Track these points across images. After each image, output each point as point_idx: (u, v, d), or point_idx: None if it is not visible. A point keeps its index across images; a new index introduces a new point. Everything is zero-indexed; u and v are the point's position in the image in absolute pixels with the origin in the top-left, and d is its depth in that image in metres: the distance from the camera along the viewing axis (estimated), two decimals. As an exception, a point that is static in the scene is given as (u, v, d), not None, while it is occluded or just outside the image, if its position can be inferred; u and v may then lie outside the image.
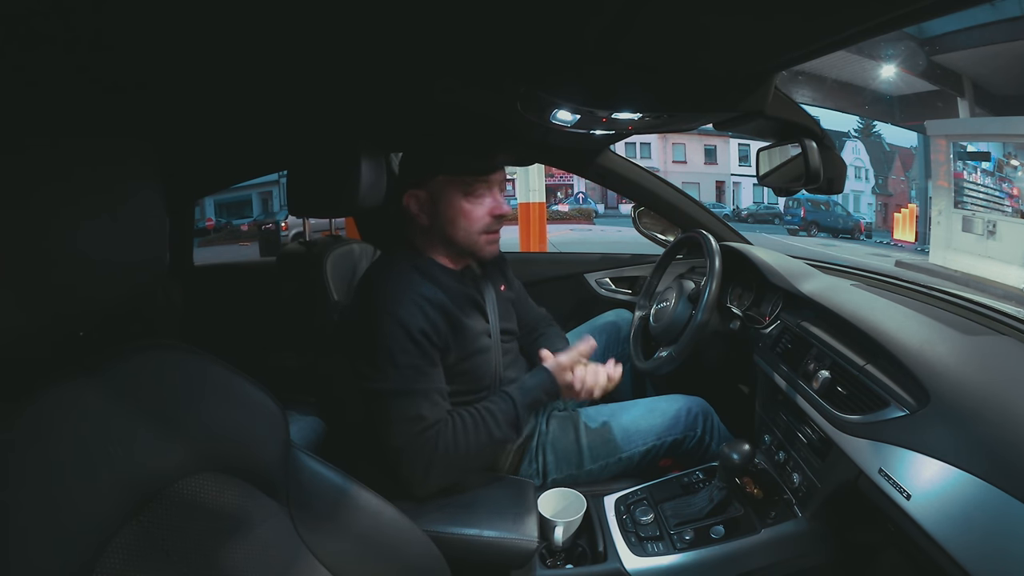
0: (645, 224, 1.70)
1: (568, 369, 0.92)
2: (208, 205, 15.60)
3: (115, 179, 0.43)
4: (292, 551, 0.53)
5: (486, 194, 0.91)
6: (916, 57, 8.90)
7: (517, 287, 1.16)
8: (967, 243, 8.49)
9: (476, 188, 0.90)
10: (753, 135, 1.00)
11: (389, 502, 0.62)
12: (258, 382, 0.54)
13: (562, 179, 20.04)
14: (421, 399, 0.80)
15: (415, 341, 0.81)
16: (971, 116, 8.68)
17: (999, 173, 8.47)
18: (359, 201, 1.00)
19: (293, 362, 1.26)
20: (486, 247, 0.93)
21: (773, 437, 0.99)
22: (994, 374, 0.66)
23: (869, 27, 0.52)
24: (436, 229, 0.92)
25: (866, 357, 0.78)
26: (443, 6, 0.53)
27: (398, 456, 0.79)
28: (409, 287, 0.85)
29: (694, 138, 20.58)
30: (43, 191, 0.37)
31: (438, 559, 0.65)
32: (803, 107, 0.87)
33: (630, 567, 0.85)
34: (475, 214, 0.90)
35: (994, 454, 0.55)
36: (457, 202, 0.89)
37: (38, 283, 0.37)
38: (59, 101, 0.41)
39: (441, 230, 0.91)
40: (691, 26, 0.55)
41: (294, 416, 1.20)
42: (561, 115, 0.90)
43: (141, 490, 0.42)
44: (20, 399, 0.38)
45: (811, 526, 0.84)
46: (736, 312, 1.15)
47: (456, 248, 0.93)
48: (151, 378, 0.46)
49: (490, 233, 0.92)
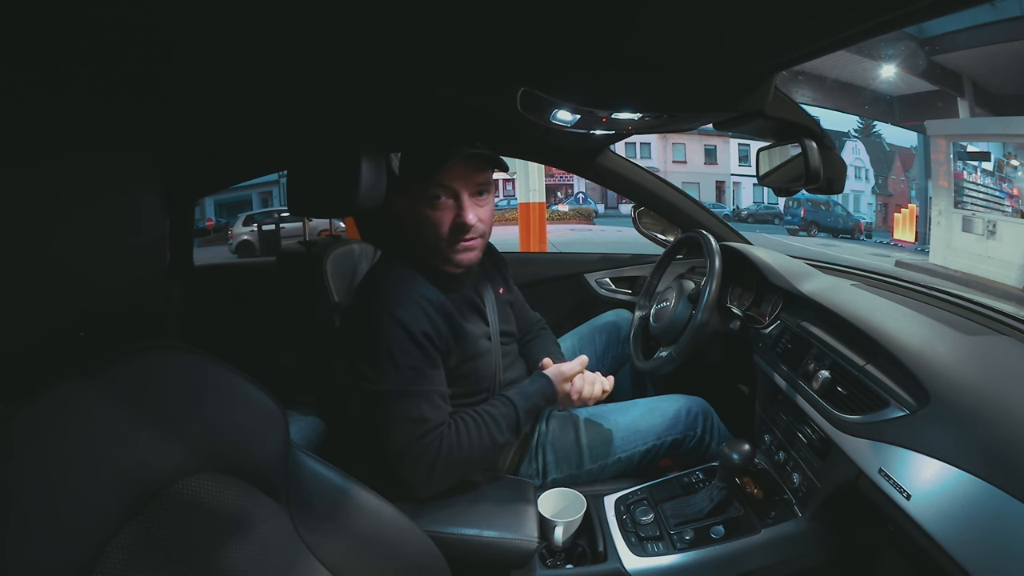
0: (645, 224, 1.70)
1: (568, 379, 0.93)
2: (208, 205, 15.61)
3: (115, 182, 0.43)
4: (292, 551, 0.53)
5: (449, 201, 0.84)
6: (916, 57, 8.90)
7: (516, 291, 1.16)
8: (967, 243, 8.49)
9: (433, 191, 0.83)
10: (753, 135, 1.01)
11: (389, 502, 0.62)
12: (258, 382, 0.54)
13: (562, 179, 20.04)
14: (422, 401, 0.80)
15: (416, 342, 0.81)
16: (971, 116, 8.67)
17: (999, 173, 8.47)
18: (359, 201, 1.00)
19: (293, 362, 1.26)
20: (456, 256, 0.86)
21: (773, 437, 0.99)
22: (994, 374, 0.66)
23: (869, 27, 0.52)
24: (414, 236, 0.89)
25: (866, 357, 0.78)
26: (443, 6, 0.53)
27: (399, 458, 0.79)
28: (411, 288, 0.84)
29: (694, 138, 20.58)
30: (44, 195, 0.37)
31: (438, 559, 0.65)
32: (803, 107, 0.87)
33: (630, 567, 0.85)
34: (436, 220, 0.84)
35: (994, 454, 0.55)
36: (420, 208, 0.85)
37: (39, 284, 0.37)
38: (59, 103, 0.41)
39: (417, 238, 0.88)
40: (690, 25, 0.55)
41: (294, 416, 1.20)
42: (561, 115, 0.90)
43: (141, 490, 0.42)
44: (21, 399, 0.38)
45: (811, 526, 0.84)
46: (736, 312, 1.15)
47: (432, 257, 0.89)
48: (151, 378, 0.46)
49: (461, 242, 0.86)
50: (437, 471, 0.79)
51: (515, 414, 0.86)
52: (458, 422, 0.83)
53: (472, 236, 0.86)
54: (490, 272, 1.04)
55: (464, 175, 0.84)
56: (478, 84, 0.87)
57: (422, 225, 0.86)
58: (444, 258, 0.88)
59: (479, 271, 0.99)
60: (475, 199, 0.86)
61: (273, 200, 17.45)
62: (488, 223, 0.89)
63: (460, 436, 0.82)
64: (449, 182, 0.83)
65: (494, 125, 1.13)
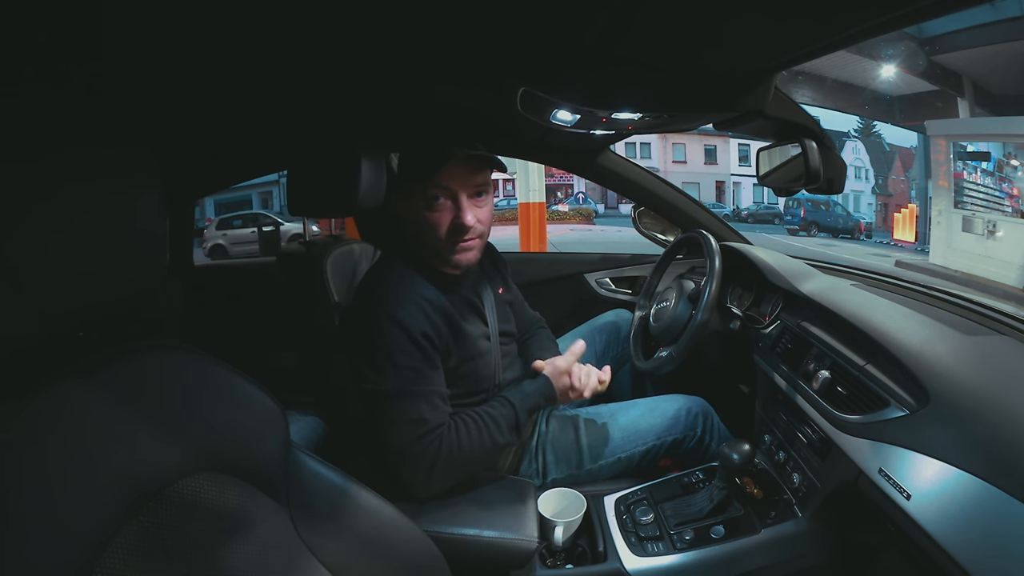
0: (645, 224, 1.70)
1: (565, 373, 0.92)
2: (208, 205, 15.61)
3: (115, 183, 0.43)
4: (292, 551, 0.53)
5: (447, 202, 0.84)
6: (916, 57, 8.90)
7: (515, 290, 1.16)
8: (967, 243, 8.49)
9: (432, 194, 0.83)
10: (753, 135, 1.00)
11: (389, 502, 0.62)
12: (258, 382, 0.54)
13: (562, 179, 20.04)
14: (422, 401, 0.80)
15: (416, 343, 0.81)
16: (971, 116, 8.67)
17: (999, 173, 8.47)
18: (359, 201, 1.00)
19: (293, 362, 1.26)
20: (454, 256, 0.87)
21: (773, 437, 0.99)
22: (994, 374, 0.66)
23: (869, 27, 0.52)
24: (413, 237, 0.89)
25: (866, 357, 0.78)
26: (442, 6, 0.53)
27: (399, 459, 0.79)
28: (411, 289, 0.84)
29: (694, 138, 20.58)
30: (44, 195, 0.37)
31: (438, 559, 0.65)
32: (803, 107, 0.87)
33: (630, 567, 0.85)
34: (435, 221, 0.84)
35: (994, 454, 0.55)
36: (418, 209, 0.84)
37: (39, 284, 0.37)
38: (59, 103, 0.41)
39: (414, 236, 0.89)
40: (690, 25, 0.55)
41: (294, 416, 1.20)
42: (561, 115, 0.90)
43: (141, 490, 0.42)
44: (20, 399, 0.38)
45: (811, 526, 0.84)
46: (736, 312, 1.15)
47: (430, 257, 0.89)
48: (151, 378, 0.46)
49: (460, 242, 0.86)
50: (437, 471, 0.79)
51: (514, 414, 0.86)
52: (458, 423, 0.83)
53: (470, 237, 0.86)
54: (489, 272, 1.04)
55: (462, 176, 0.83)
56: (478, 84, 0.87)
57: (420, 226, 0.86)
58: (442, 259, 0.88)
59: (478, 271, 0.99)
60: (473, 200, 0.86)
61: (273, 200, 17.46)
62: (487, 224, 0.89)
63: (460, 437, 0.82)
64: (447, 183, 0.83)
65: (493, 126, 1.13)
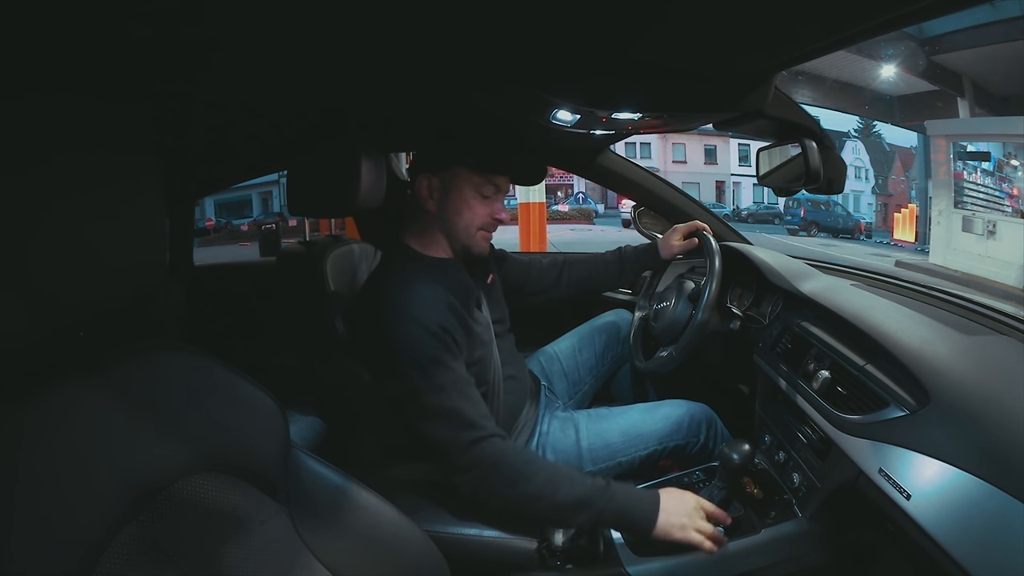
0: (645, 224, 1.69)
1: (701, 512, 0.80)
2: (208, 205, 15.64)
3: (118, 186, 0.43)
4: (292, 551, 0.53)
5: (493, 196, 0.95)
6: (916, 57, 8.90)
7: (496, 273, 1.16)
8: (967, 243, 8.49)
9: (487, 187, 0.94)
10: (753, 135, 1.01)
11: (389, 502, 0.62)
12: (258, 382, 0.54)
13: (562, 179, 20.05)
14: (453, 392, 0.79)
15: (435, 335, 0.81)
16: (971, 116, 8.68)
17: (999, 173, 8.47)
18: (359, 201, 1.00)
19: (293, 362, 1.26)
20: (479, 242, 0.97)
21: (773, 437, 0.99)
22: (994, 374, 0.66)
23: (869, 27, 0.52)
24: (440, 217, 0.94)
25: (866, 357, 0.78)
26: (442, 6, 0.53)
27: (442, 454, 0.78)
28: (421, 286, 0.85)
29: (694, 138, 20.60)
30: (45, 196, 0.38)
31: (438, 559, 0.65)
32: (803, 107, 0.87)
33: (630, 567, 0.85)
34: (479, 210, 0.94)
35: (994, 454, 0.55)
36: (467, 195, 0.93)
37: (39, 284, 0.37)
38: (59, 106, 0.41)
39: (446, 219, 0.93)
40: (691, 26, 0.56)
41: (294, 416, 1.20)
42: (561, 115, 0.90)
43: (142, 490, 0.42)
44: (21, 399, 0.38)
45: (811, 526, 0.84)
46: (736, 312, 1.15)
47: (454, 239, 0.95)
48: (152, 378, 0.46)
49: (486, 231, 0.97)
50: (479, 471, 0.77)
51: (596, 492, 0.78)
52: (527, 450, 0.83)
53: (494, 229, 0.98)
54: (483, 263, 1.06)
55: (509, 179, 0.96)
56: (477, 84, 0.87)
57: (459, 210, 0.93)
58: (472, 243, 0.95)
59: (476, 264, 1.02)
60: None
61: (273, 200, 17.47)
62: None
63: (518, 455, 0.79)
64: (503, 181, 0.95)
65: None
